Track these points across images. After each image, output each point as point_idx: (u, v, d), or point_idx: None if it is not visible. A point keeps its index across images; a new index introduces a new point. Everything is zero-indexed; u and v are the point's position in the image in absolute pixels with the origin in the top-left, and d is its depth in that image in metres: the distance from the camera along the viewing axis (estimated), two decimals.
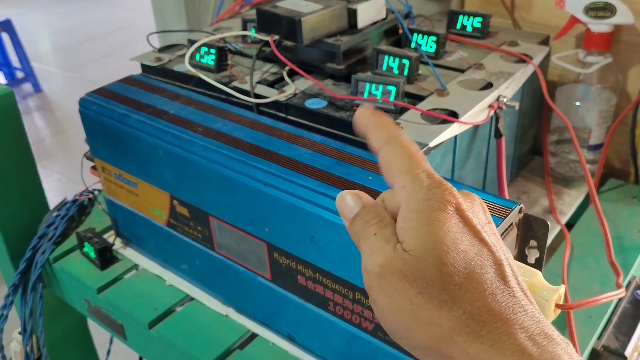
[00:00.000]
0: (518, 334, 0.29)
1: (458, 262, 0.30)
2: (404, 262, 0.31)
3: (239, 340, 0.68)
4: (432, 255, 0.31)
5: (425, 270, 0.30)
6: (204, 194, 0.63)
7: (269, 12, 0.71)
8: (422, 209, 0.32)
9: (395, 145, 0.35)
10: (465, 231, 0.32)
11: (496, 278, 0.31)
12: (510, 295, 0.30)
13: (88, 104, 0.72)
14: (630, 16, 0.78)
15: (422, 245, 0.31)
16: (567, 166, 0.91)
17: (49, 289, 0.87)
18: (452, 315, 0.30)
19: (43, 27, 4.43)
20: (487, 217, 0.35)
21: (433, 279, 0.30)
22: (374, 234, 0.34)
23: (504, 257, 0.32)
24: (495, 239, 0.33)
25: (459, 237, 0.31)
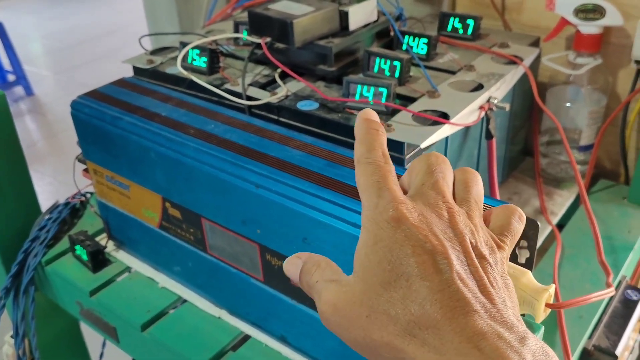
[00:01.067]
0: (462, 334, 0.28)
1: (401, 276, 0.31)
2: (352, 290, 0.32)
3: (231, 342, 0.68)
4: (376, 273, 0.31)
5: (370, 290, 0.31)
6: (196, 196, 0.63)
7: (261, 14, 0.71)
8: (370, 226, 0.33)
9: (363, 163, 0.36)
10: (411, 243, 0.31)
11: (440, 283, 0.30)
12: (457, 298, 0.29)
13: (80, 107, 0.72)
14: (620, 18, 0.79)
15: (367, 264, 0.32)
16: (557, 167, 0.92)
17: (41, 292, 0.86)
18: (398, 328, 0.30)
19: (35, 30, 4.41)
20: (454, 220, 0.33)
21: (377, 296, 0.31)
22: (316, 282, 0.35)
23: (457, 259, 0.31)
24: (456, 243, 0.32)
25: (403, 251, 0.31)
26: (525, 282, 0.43)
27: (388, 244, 0.32)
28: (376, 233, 0.32)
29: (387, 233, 0.32)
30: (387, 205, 0.33)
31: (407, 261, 0.31)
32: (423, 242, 0.31)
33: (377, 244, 0.32)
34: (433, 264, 0.31)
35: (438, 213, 0.34)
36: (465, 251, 0.32)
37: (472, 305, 0.29)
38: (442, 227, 0.33)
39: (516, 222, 0.38)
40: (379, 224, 0.32)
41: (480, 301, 0.30)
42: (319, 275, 0.35)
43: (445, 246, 0.31)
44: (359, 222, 0.49)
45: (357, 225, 0.49)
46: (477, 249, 0.33)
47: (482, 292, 0.31)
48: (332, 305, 0.33)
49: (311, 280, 0.36)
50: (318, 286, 0.35)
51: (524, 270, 0.43)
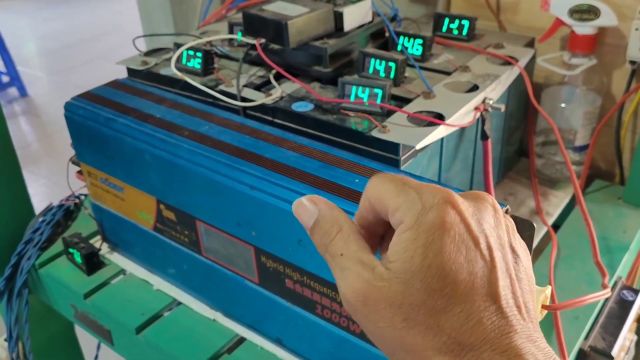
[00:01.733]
0: (503, 355, 0.28)
1: (448, 285, 0.29)
2: (389, 288, 0.29)
3: (227, 345, 0.67)
4: (422, 279, 0.29)
5: (413, 294, 0.29)
6: (190, 198, 0.63)
7: (256, 15, 0.71)
8: (419, 225, 0.29)
9: (379, 177, 0.33)
10: (462, 248, 0.29)
11: (486, 298, 0.29)
12: (501, 317, 0.29)
13: (73, 108, 0.71)
14: (614, 18, 0.79)
15: (413, 269, 0.29)
16: (553, 167, 0.91)
17: (35, 295, 0.86)
18: (438, 340, 0.29)
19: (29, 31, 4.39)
20: (498, 219, 0.32)
21: (420, 304, 0.29)
22: (341, 255, 0.31)
23: (502, 272, 0.30)
24: (500, 244, 0.31)
25: (453, 258, 0.29)
26: None
27: (440, 247, 0.29)
28: (427, 233, 0.29)
29: (440, 233, 0.29)
30: (434, 198, 0.30)
31: (457, 267, 0.29)
32: (475, 244, 0.29)
33: (428, 247, 0.29)
34: (481, 274, 0.29)
35: (484, 205, 0.31)
36: (505, 253, 0.31)
37: (514, 325, 0.29)
38: (489, 222, 0.31)
39: None
40: (430, 222, 0.29)
41: (517, 319, 0.29)
42: (343, 245, 0.31)
43: (492, 250, 0.30)
44: None
45: None
46: (512, 246, 0.32)
47: (517, 306, 0.30)
48: (361, 296, 0.30)
49: (332, 248, 0.32)
50: (342, 262, 0.31)
51: None
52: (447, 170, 0.70)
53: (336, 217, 0.33)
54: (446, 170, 0.70)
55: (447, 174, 0.70)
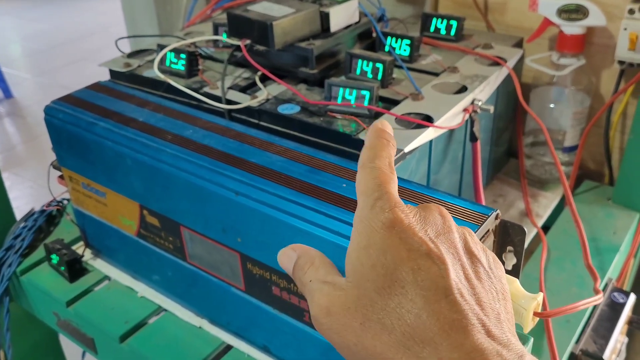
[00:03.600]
0: (460, 351, 0.27)
1: (395, 283, 0.29)
2: (346, 295, 0.31)
3: (213, 353, 0.66)
4: (369, 278, 0.30)
5: (364, 296, 0.30)
6: (174, 204, 0.62)
7: (240, 16, 0.69)
8: (363, 228, 0.32)
9: (367, 167, 0.35)
10: (406, 248, 0.30)
11: (436, 292, 0.29)
12: (455, 310, 0.28)
13: (54, 112, 0.69)
14: (602, 18, 0.78)
15: (360, 269, 0.31)
16: (542, 168, 0.91)
17: (17, 302, 0.84)
18: (392, 338, 0.29)
19: (13, 32, 4.34)
20: (447, 225, 0.33)
21: (371, 303, 0.30)
22: (310, 281, 0.34)
23: (454, 268, 0.30)
24: (451, 247, 0.31)
25: (398, 256, 0.30)
26: (512, 291, 0.42)
27: (382, 247, 0.30)
28: (369, 235, 0.31)
29: (381, 235, 0.31)
30: (383, 206, 0.32)
31: (402, 266, 0.30)
32: (419, 245, 0.30)
33: (371, 247, 0.31)
34: (429, 270, 0.29)
35: (432, 215, 0.33)
36: (457, 253, 0.32)
37: (470, 319, 0.28)
38: (436, 228, 0.32)
39: None
40: (373, 226, 0.31)
41: (477, 315, 0.29)
42: (313, 274, 0.34)
43: (440, 250, 0.30)
44: (341, 230, 0.48)
45: (339, 233, 0.48)
46: (469, 250, 0.33)
47: (478, 304, 0.30)
48: (325, 309, 0.32)
49: (304, 278, 0.35)
50: (311, 286, 0.34)
51: (511, 278, 0.42)
52: (436, 173, 0.69)
53: (311, 255, 0.36)
54: (435, 173, 0.69)
55: (436, 176, 0.69)
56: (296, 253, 0.37)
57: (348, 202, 0.49)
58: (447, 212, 0.34)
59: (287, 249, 0.37)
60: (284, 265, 0.37)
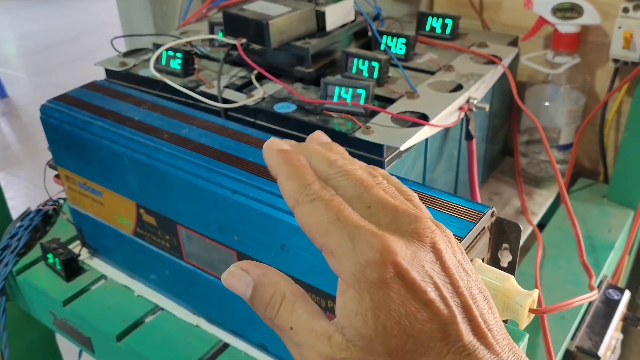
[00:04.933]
0: None
1: (407, 341, 0.27)
2: (352, 358, 0.27)
3: (210, 351, 0.66)
4: (381, 343, 0.27)
5: (375, 359, 0.27)
6: (171, 203, 0.62)
7: (236, 15, 0.69)
8: (359, 285, 0.27)
9: (306, 203, 0.29)
10: (410, 300, 0.27)
11: (449, 340, 0.27)
12: (466, 354, 0.27)
13: (50, 111, 0.69)
14: (597, 17, 0.79)
15: (369, 334, 0.27)
16: (537, 166, 0.91)
17: (13, 302, 0.84)
18: None
19: (8, 32, 4.33)
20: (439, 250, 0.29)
21: None
22: (290, 329, 0.29)
23: (459, 309, 0.28)
24: (448, 282, 0.29)
25: (405, 312, 0.27)
26: (508, 287, 0.42)
27: (388, 306, 0.27)
28: (371, 294, 0.27)
29: (384, 291, 0.27)
30: (370, 250, 0.27)
31: (412, 323, 0.27)
32: (422, 293, 0.27)
33: (377, 308, 0.27)
34: (436, 319, 0.27)
35: (421, 241, 0.29)
36: (453, 280, 0.29)
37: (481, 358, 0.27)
38: (429, 257, 0.29)
39: None
40: (370, 280, 0.27)
41: (483, 350, 0.28)
42: (290, 316, 0.29)
43: (442, 291, 0.28)
44: None
45: None
46: (461, 265, 0.30)
47: (480, 338, 0.28)
48: None
49: (279, 321, 0.30)
50: (294, 337, 0.29)
51: (506, 275, 0.43)
52: (431, 171, 0.69)
53: (275, 282, 0.31)
54: (431, 171, 0.69)
55: (431, 174, 0.70)
56: (251, 276, 0.31)
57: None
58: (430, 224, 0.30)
59: (237, 269, 0.31)
60: (236, 290, 0.31)
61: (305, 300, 0.30)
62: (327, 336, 0.28)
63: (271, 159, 0.32)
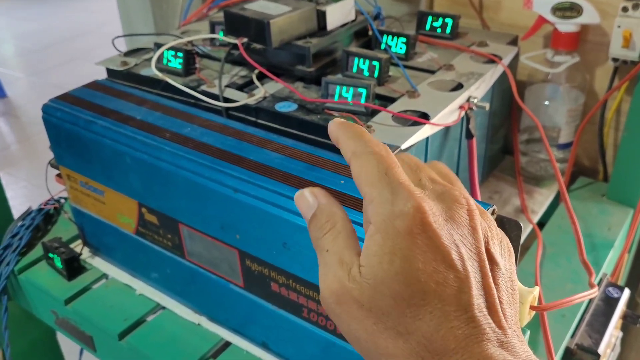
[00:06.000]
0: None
1: (416, 294, 0.28)
2: (360, 291, 0.29)
3: (212, 349, 0.66)
4: (389, 286, 0.29)
5: (381, 300, 0.29)
6: (173, 201, 0.62)
7: (237, 14, 0.70)
8: (387, 230, 0.29)
9: (363, 154, 0.32)
10: (431, 259, 0.29)
11: (457, 308, 0.28)
12: (473, 326, 0.28)
13: (51, 111, 0.70)
14: (597, 16, 0.79)
15: (381, 275, 0.29)
16: (537, 165, 0.92)
17: (15, 301, 0.84)
18: (407, 346, 0.28)
19: (6, 31, 4.33)
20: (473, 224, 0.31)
21: (389, 309, 0.29)
22: (326, 250, 0.32)
23: (476, 282, 0.29)
24: (475, 254, 0.30)
25: (422, 268, 0.28)
26: None
27: (407, 255, 0.29)
28: (394, 240, 0.29)
29: (407, 241, 0.29)
30: (406, 203, 0.29)
31: (426, 278, 0.28)
32: (444, 255, 0.29)
33: (395, 254, 0.29)
34: (452, 285, 0.28)
35: (455, 209, 0.31)
36: (481, 260, 0.30)
37: (487, 333, 0.28)
38: (460, 230, 0.30)
39: None
40: (398, 228, 0.29)
41: (491, 327, 0.29)
42: (330, 242, 0.32)
43: (465, 262, 0.29)
44: None
45: None
46: (489, 252, 0.31)
47: (492, 315, 0.29)
48: (335, 296, 0.30)
49: (320, 242, 0.33)
50: (325, 258, 0.32)
51: None
52: None
53: (333, 212, 0.33)
54: None
55: None
56: (317, 202, 0.34)
57: (346, 199, 0.50)
58: (473, 203, 0.32)
59: (307, 193, 0.34)
60: (301, 208, 0.34)
61: (349, 235, 0.33)
62: (349, 266, 0.31)
63: (335, 128, 0.35)
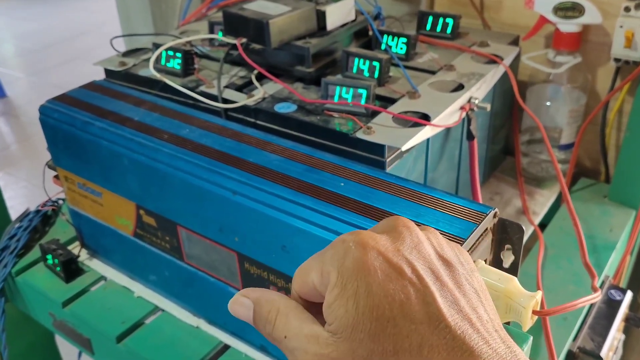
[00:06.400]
0: None
1: (388, 324, 0.28)
2: (337, 350, 0.29)
3: (210, 352, 0.66)
4: (362, 329, 0.28)
5: (360, 348, 0.28)
6: (171, 203, 0.61)
7: (236, 14, 0.69)
8: (342, 275, 0.29)
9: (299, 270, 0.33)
10: (388, 282, 0.28)
11: (431, 322, 0.28)
12: (451, 337, 0.28)
13: (49, 112, 0.69)
14: (598, 16, 0.78)
15: (351, 322, 0.28)
16: (538, 166, 0.91)
17: (12, 303, 0.83)
18: None
19: (6, 31, 4.32)
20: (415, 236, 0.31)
21: (370, 353, 0.28)
22: (284, 337, 0.31)
23: (438, 289, 0.29)
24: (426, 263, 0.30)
25: (383, 294, 0.28)
26: (511, 289, 0.41)
27: (367, 289, 0.28)
28: (351, 280, 0.29)
29: (362, 274, 0.29)
30: (349, 242, 0.30)
31: (391, 305, 0.28)
32: (399, 273, 0.29)
33: (357, 293, 0.28)
34: (415, 299, 0.28)
35: (399, 232, 0.31)
36: (435, 268, 0.30)
37: (464, 339, 0.28)
38: (408, 246, 0.30)
39: None
40: (350, 268, 0.29)
41: (466, 329, 0.28)
42: (284, 326, 0.31)
43: (419, 272, 0.29)
44: (339, 229, 0.47)
45: (337, 232, 0.47)
46: (442, 258, 0.31)
47: (465, 316, 0.29)
48: None
49: (275, 333, 0.31)
50: (288, 344, 0.31)
51: (509, 277, 0.42)
52: (433, 171, 0.69)
53: (271, 300, 0.32)
54: (432, 171, 0.69)
55: (433, 174, 0.69)
56: (251, 299, 0.33)
57: (346, 201, 0.49)
58: (407, 220, 0.33)
59: (238, 296, 0.34)
60: (240, 316, 0.33)
61: (298, 311, 0.32)
62: (316, 337, 0.30)
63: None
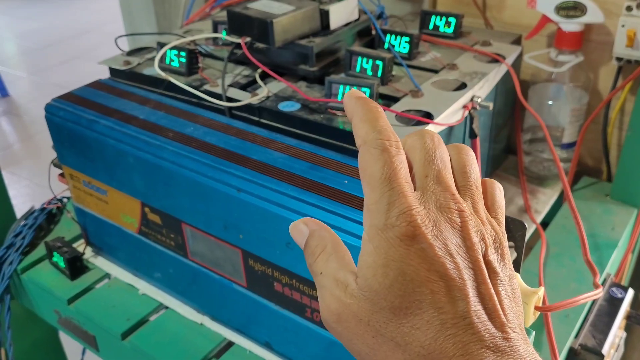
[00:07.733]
0: None
1: (412, 304, 0.28)
2: (358, 305, 0.30)
3: (215, 349, 0.66)
4: (385, 298, 0.29)
5: (378, 312, 0.29)
6: (176, 201, 0.62)
7: (240, 13, 0.69)
8: (379, 242, 0.29)
9: (372, 148, 0.31)
10: (425, 267, 0.29)
11: (454, 316, 0.28)
12: (471, 333, 0.28)
13: (54, 110, 0.70)
14: (600, 15, 0.79)
15: (376, 287, 0.29)
16: (540, 165, 0.91)
17: (17, 300, 0.84)
18: (406, 357, 0.28)
19: (8, 31, 4.33)
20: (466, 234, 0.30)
21: (386, 321, 0.29)
22: (320, 273, 0.32)
23: (472, 290, 0.29)
24: (471, 262, 0.30)
25: (416, 279, 0.28)
26: None
27: (400, 266, 0.29)
28: (387, 252, 0.29)
29: (400, 252, 0.29)
30: (400, 217, 0.29)
31: (420, 288, 0.28)
32: (438, 265, 0.29)
33: (388, 266, 0.29)
34: (448, 293, 0.28)
35: (450, 220, 0.30)
36: (478, 268, 0.30)
37: (485, 340, 0.28)
38: (455, 240, 0.30)
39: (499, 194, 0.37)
40: (390, 242, 0.29)
41: (491, 333, 0.28)
42: (324, 264, 0.32)
43: (460, 270, 0.29)
44: (343, 226, 0.48)
45: (341, 229, 0.48)
46: (487, 260, 0.31)
47: (493, 321, 0.29)
48: (335, 315, 0.31)
49: (314, 266, 0.33)
50: (321, 281, 0.32)
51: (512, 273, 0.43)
52: None
53: (322, 236, 0.34)
54: None
55: None
56: (308, 229, 0.34)
57: (350, 199, 0.50)
58: (469, 212, 0.31)
59: (299, 222, 0.35)
60: (295, 239, 0.35)
61: (341, 255, 0.33)
62: (345, 284, 0.31)
63: (349, 102, 0.34)
